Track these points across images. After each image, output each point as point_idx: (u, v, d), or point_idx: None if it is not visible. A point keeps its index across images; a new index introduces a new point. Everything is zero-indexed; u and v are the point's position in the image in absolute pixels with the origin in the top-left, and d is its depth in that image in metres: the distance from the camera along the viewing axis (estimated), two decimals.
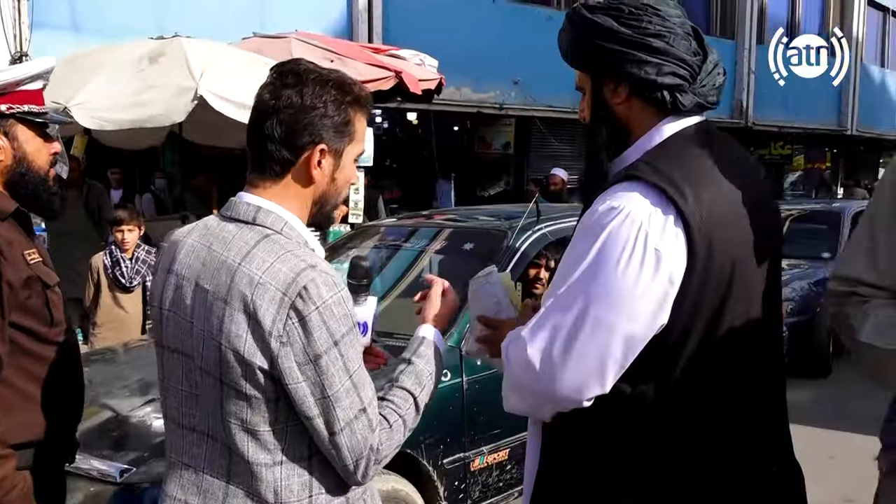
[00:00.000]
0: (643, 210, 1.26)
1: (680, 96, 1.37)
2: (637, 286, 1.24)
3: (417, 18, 10.59)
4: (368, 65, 7.09)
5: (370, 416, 1.29)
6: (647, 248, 1.25)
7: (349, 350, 1.27)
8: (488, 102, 11.62)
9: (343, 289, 1.29)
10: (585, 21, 1.40)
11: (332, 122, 1.33)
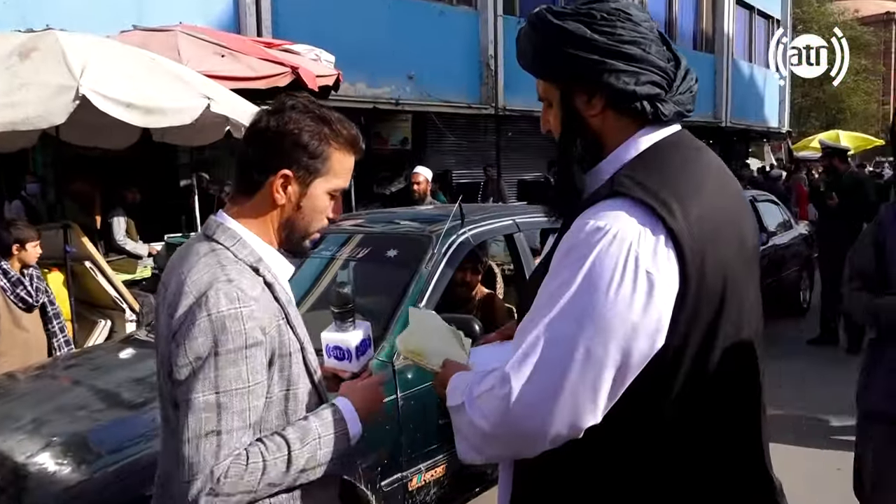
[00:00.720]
0: (631, 229, 1.17)
1: (661, 106, 1.28)
2: (630, 313, 1.15)
3: (308, 11, 10.27)
4: (262, 60, 6.76)
5: (223, 442, 1.27)
6: (639, 271, 1.15)
7: (228, 368, 1.27)
8: (384, 98, 11.44)
9: (249, 307, 1.30)
10: (554, 28, 1.29)
11: (305, 152, 1.39)
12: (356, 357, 1.55)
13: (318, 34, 8.98)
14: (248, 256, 1.40)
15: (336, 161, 1.43)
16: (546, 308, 1.19)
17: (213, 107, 4.76)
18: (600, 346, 1.15)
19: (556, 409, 1.17)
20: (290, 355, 1.40)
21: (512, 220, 3.73)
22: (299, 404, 1.42)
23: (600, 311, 1.15)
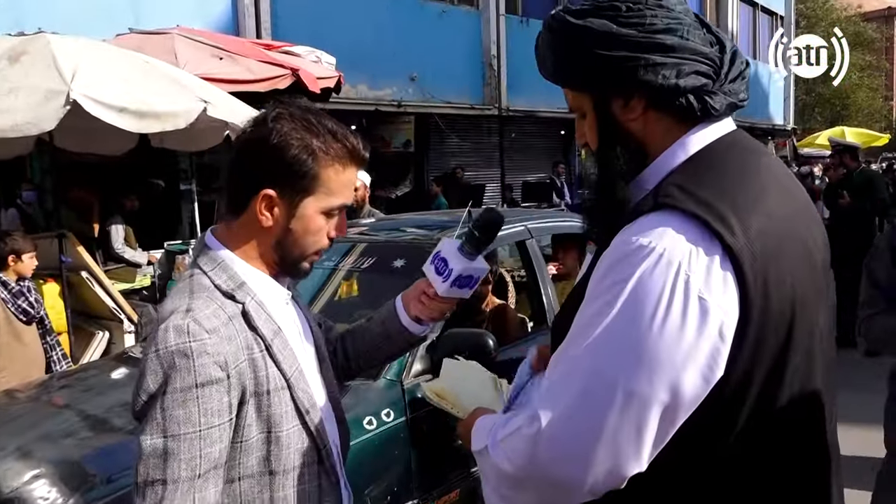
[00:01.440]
0: (681, 248, 1.01)
1: (709, 99, 1.11)
2: (679, 347, 0.98)
3: (307, 13, 10.14)
4: (262, 62, 6.62)
5: (167, 493, 1.12)
6: (690, 297, 0.99)
7: (177, 409, 1.13)
8: (386, 100, 11.30)
9: (200, 341, 1.15)
10: (576, 29, 1.13)
11: (289, 169, 1.24)
12: (450, 283, 1.40)
13: (318, 36, 8.84)
14: (226, 282, 1.26)
15: (329, 177, 1.27)
16: (581, 337, 1.04)
17: (210, 110, 4.61)
18: (644, 382, 0.99)
19: (593, 455, 1.01)
20: (268, 393, 1.23)
21: (524, 226, 3.55)
22: (284, 450, 1.25)
23: (644, 343, 0.99)
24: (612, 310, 1.01)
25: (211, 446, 1.15)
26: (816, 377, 1.13)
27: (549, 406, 1.04)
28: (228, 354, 1.18)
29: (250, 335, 1.24)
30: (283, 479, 1.26)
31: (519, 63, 13.51)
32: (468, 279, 1.42)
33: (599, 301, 1.03)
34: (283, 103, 1.29)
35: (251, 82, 6.23)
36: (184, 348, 1.14)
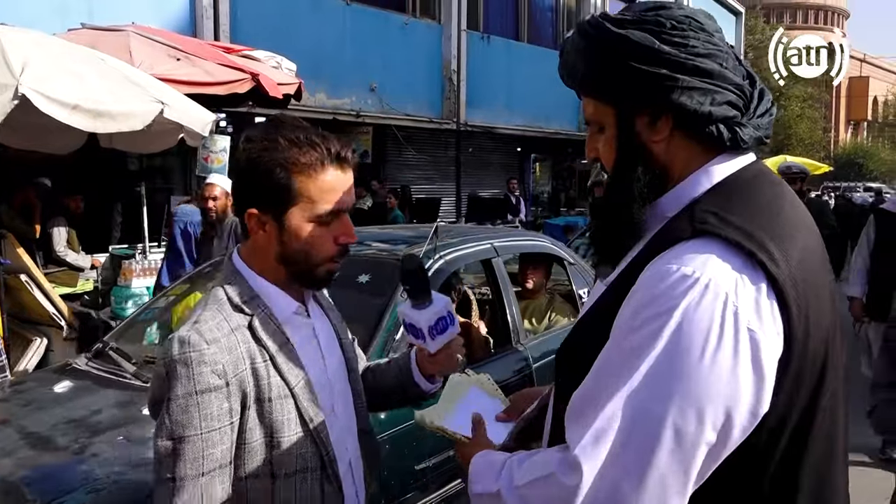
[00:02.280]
0: (727, 278, 0.96)
1: (739, 130, 1.07)
2: (730, 381, 0.93)
3: (268, 17, 9.97)
4: (221, 65, 6.43)
5: (176, 489, 1.22)
6: (740, 330, 0.94)
7: (180, 414, 1.22)
8: (344, 109, 11.18)
9: (199, 351, 1.23)
10: (614, 38, 1.07)
11: (264, 186, 1.30)
12: (429, 336, 1.42)
13: (278, 41, 8.68)
14: (238, 295, 1.34)
15: (305, 186, 1.30)
16: (621, 376, 0.97)
17: (166, 112, 4.44)
18: (695, 421, 0.93)
19: (639, 501, 0.95)
20: (270, 401, 1.30)
21: (490, 243, 3.51)
22: (285, 455, 1.31)
23: (694, 379, 0.93)
24: (656, 344, 0.95)
25: (213, 447, 1.23)
26: (839, 422, 1.09)
27: (591, 452, 0.97)
28: (227, 364, 1.25)
29: (254, 346, 1.30)
30: (284, 482, 1.31)
31: (478, 79, 13.57)
32: (441, 321, 1.42)
33: (638, 335, 0.97)
34: (270, 118, 1.37)
35: (209, 85, 6.05)
36: (184, 358, 1.23)
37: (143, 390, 2.62)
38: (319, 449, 1.34)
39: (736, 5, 24.65)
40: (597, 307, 1.15)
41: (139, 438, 2.24)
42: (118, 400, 2.57)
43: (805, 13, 68.36)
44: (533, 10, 15.57)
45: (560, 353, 1.21)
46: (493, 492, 1.11)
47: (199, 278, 3.75)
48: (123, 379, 2.74)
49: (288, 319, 1.37)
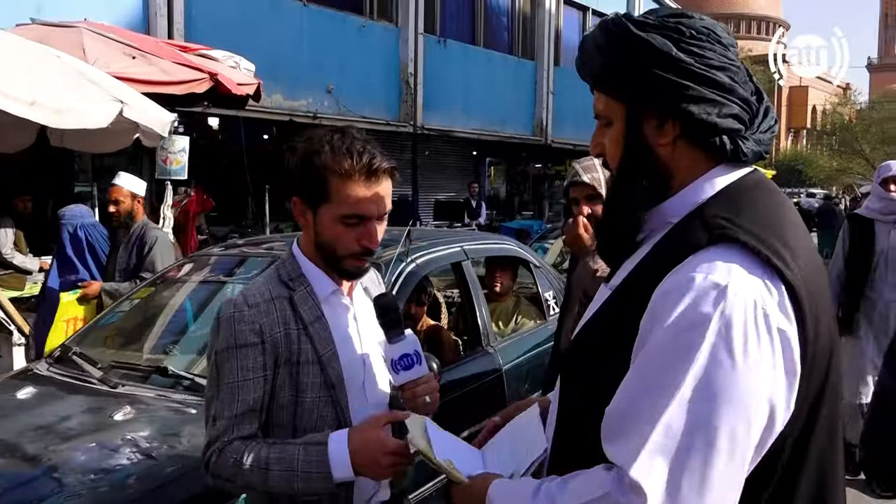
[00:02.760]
0: (753, 284, 1.00)
1: (742, 143, 1.12)
2: (770, 382, 0.98)
3: (224, 16, 9.81)
4: (178, 64, 6.29)
5: (216, 427, 1.45)
6: (772, 332, 0.99)
7: (224, 364, 1.46)
8: (301, 110, 11.07)
9: (241, 312, 1.47)
10: (635, 40, 1.11)
11: (306, 179, 1.50)
12: (393, 370, 1.51)
13: (233, 41, 8.52)
14: (287, 273, 1.56)
15: (338, 189, 1.47)
16: (666, 389, 0.98)
17: (126, 111, 4.34)
18: (745, 424, 0.97)
19: None
20: (298, 363, 1.49)
21: (460, 247, 3.53)
22: (307, 413, 1.49)
23: (740, 384, 0.96)
24: (698, 355, 0.97)
25: (246, 394, 1.44)
26: (838, 433, 1.12)
27: (651, 471, 0.97)
28: (265, 325, 1.47)
29: (290, 314, 1.50)
30: (303, 436, 1.46)
31: (435, 82, 13.60)
32: (406, 357, 1.49)
33: (678, 347, 0.98)
34: (328, 129, 1.53)
35: (166, 84, 5.91)
36: (229, 317, 1.47)
37: (112, 395, 2.56)
38: (338, 414, 1.51)
39: None
40: (604, 312, 1.17)
41: (112, 445, 2.19)
42: (87, 406, 2.50)
43: (748, 23, 70.48)
44: (489, 15, 15.69)
45: (567, 358, 1.24)
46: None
47: (162, 280, 3.67)
48: (89, 384, 2.67)
49: (327, 298, 1.56)
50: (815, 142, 53.31)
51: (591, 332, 1.19)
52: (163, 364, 2.82)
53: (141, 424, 2.38)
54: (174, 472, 2.05)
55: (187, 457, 2.10)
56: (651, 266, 1.08)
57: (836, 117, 43.98)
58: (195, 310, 3.46)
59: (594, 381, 1.11)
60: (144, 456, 2.16)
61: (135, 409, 2.45)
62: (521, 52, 16.51)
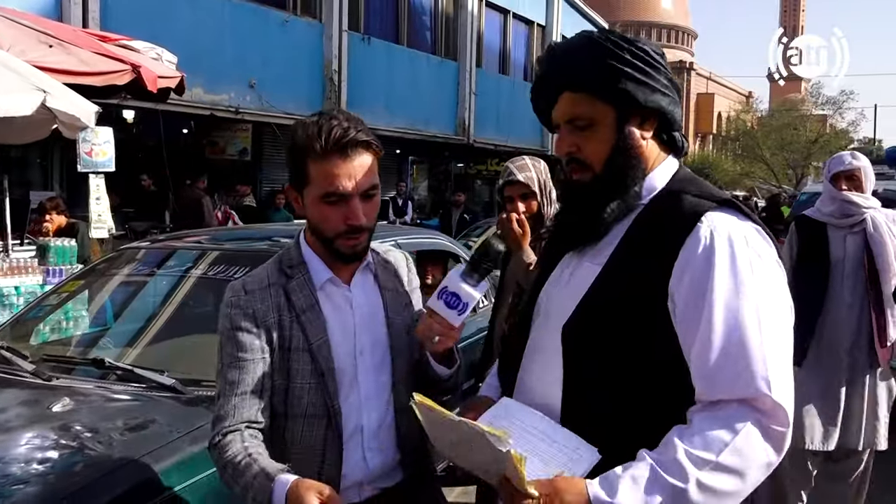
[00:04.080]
0: (747, 228, 1.29)
1: (685, 140, 1.42)
2: (784, 282, 1.29)
3: (142, 5, 9.56)
4: (97, 54, 6.12)
5: (220, 402, 1.52)
6: (773, 253, 1.29)
7: (225, 346, 1.54)
8: (223, 105, 10.88)
9: (238, 297, 1.55)
10: (637, 49, 1.31)
11: (292, 166, 1.56)
12: (438, 295, 1.47)
13: (151, 31, 8.30)
14: (287, 260, 1.61)
15: (314, 170, 1.50)
16: (750, 323, 1.19)
17: (49, 101, 4.22)
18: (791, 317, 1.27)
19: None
20: (289, 350, 1.53)
21: (395, 240, 3.62)
22: (296, 399, 1.54)
23: (778, 292, 1.26)
24: (755, 289, 1.21)
25: (244, 374, 1.51)
26: None
27: (780, 388, 1.16)
28: (259, 311, 1.53)
29: (284, 302, 1.55)
30: (293, 422, 1.54)
31: (359, 79, 13.60)
32: (455, 298, 1.46)
33: (738, 290, 1.20)
34: (312, 114, 1.56)
35: (86, 75, 5.74)
36: (228, 301, 1.56)
37: (48, 388, 2.52)
38: (326, 402, 1.53)
39: (600, 21, 26.12)
40: (605, 283, 1.31)
41: (54, 435, 2.18)
42: (22, 399, 2.45)
43: (659, 31, 73.27)
44: (412, 15, 15.80)
45: (570, 331, 1.32)
46: (661, 501, 1.12)
47: (91, 273, 3.61)
48: (21, 378, 2.61)
49: (323, 286, 1.58)
50: (720, 146, 55.95)
51: (596, 305, 1.31)
52: (98, 356, 2.77)
53: (82, 415, 2.36)
54: (122, 459, 2.05)
55: (134, 444, 2.11)
56: (646, 235, 1.28)
57: (739, 124, 46.34)
58: (125, 302, 3.44)
59: (613, 346, 1.27)
60: (89, 444, 2.15)
61: (74, 401, 2.42)
62: (444, 52, 16.71)
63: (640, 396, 1.25)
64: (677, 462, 1.13)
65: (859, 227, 3.29)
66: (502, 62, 19.28)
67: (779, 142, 43.72)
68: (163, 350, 2.95)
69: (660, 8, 73.71)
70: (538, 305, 1.47)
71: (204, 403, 2.32)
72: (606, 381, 1.27)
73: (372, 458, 1.59)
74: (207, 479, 1.96)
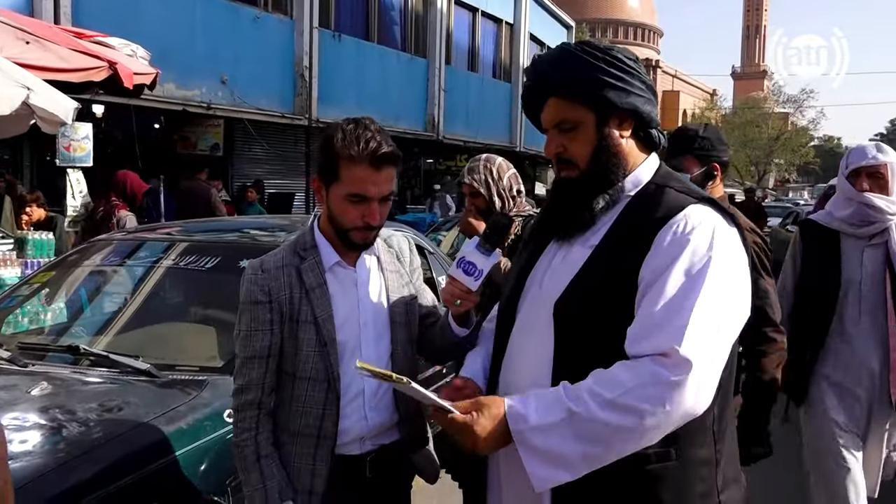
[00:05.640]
0: (720, 221, 1.41)
1: (661, 136, 1.54)
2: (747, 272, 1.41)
3: (113, 1, 9.55)
4: (74, 51, 6.21)
5: (238, 364, 1.78)
6: (740, 252, 1.41)
7: (242, 315, 1.78)
8: (195, 100, 10.93)
9: (256, 275, 1.78)
10: (611, 57, 1.45)
11: (322, 161, 1.75)
12: (458, 264, 1.68)
13: (123, 27, 8.36)
14: (301, 243, 1.83)
15: (345, 171, 1.71)
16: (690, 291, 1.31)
17: (32, 98, 4.34)
18: (736, 306, 1.36)
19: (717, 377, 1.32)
20: (298, 322, 1.76)
21: None
22: (302, 363, 1.77)
23: (739, 278, 1.38)
24: (709, 270, 1.32)
25: (255, 343, 1.76)
26: None
27: (693, 345, 1.26)
28: (273, 287, 1.77)
29: (295, 280, 1.78)
30: (300, 382, 1.79)
31: (330, 76, 13.72)
32: (472, 266, 1.67)
33: (698, 264, 1.33)
34: (349, 120, 1.74)
35: (64, 71, 5.82)
36: (245, 278, 1.79)
37: (25, 374, 2.58)
38: (327, 368, 1.77)
39: (567, 20, 26.49)
40: (595, 264, 1.43)
41: (34, 416, 2.25)
42: (1, 384, 2.51)
43: (625, 29, 74.05)
44: (382, 12, 15.94)
45: (562, 307, 1.44)
46: (561, 418, 1.28)
47: (63, 264, 3.69)
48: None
49: (331, 268, 1.81)
50: None
51: (587, 283, 1.43)
52: (73, 343, 2.84)
53: (61, 398, 2.41)
54: (103, 437, 2.12)
55: (114, 422, 2.20)
56: (634, 222, 1.42)
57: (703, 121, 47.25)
58: (98, 291, 3.51)
59: (601, 322, 1.38)
60: (70, 424, 2.21)
61: (52, 385, 2.47)
62: (413, 49, 16.88)
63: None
64: (580, 393, 1.29)
65: (881, 237, 2.63)
66: (471, 59, 19.50)
67: (742, 139, 44.47)
68: (136, 337, 3.02)
69: (626, 6, 74.52)
70: (525, 290, 1.57)
71: (178, 386, 2.46)
72: (595, 358, 1.35)
73: (372, 417, 1.82)
74: (184, 455, 2.11)
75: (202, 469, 2.18)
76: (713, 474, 1.41)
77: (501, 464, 1.54)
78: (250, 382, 1.78)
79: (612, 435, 1.27)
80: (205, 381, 2.49)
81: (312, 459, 1.77)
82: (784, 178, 61.02)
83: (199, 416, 2.29)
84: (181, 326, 3.20)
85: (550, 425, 1.28)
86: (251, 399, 1.78)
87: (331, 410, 1.78)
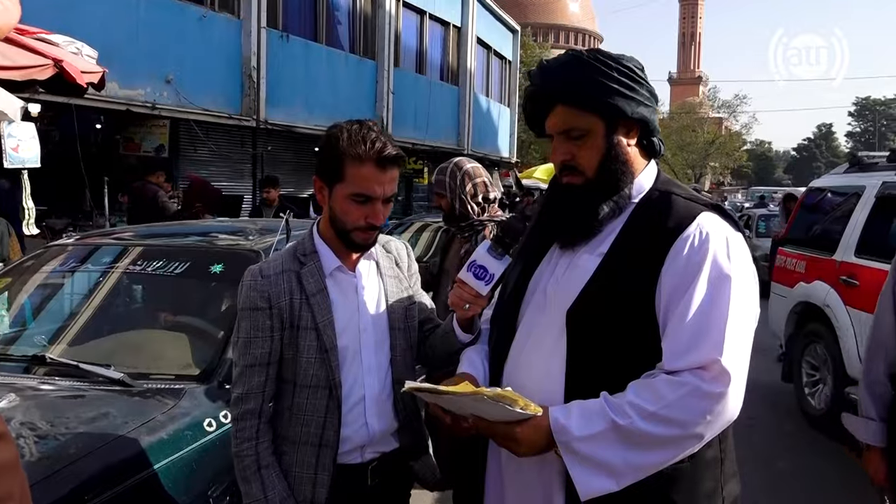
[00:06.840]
0: (730, 229, 1.46)
1: (662, 143, 1.58)
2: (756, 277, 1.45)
3: None
4: (16, 47, 5.96)
5: (237, 371, 1.74)
6: (748, 257, 1.45)
7: (241, 322, 1.74)
8: (139, 100, 10.63)
9: (255, 281, 1.74)
10: (622, 66, 1.47)
11: (325, 161, 1.73)
12: (468, 268, 1.66)
13: (65, 23, 8.05)
14: (301, 249, 1.80)
15: (350, 171, 1.69)
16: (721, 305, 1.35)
17: None
18: (754, 311, 1.42)
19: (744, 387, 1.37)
20: (298, 329, 1.73)
21: None
22: (302, 370, 1.74)
23: (752, 283, 1.42)
24: (732, 280, 1.36)
25: (255, 349, 1.73)
26: None
27: (736, 360, 1.32)
28: (272, 293, 1.73)
29: (296, 286, 1.75)
30: (299, 390, 1.76)
31: (278, 77, 13.53)
32: (482, 270, 1.66)
33: (722, 276, 1.37)
34: (352, 121, 1.73)
35: (5, 69, 5.60)
36: (245, 283, 1.76)
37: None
38: (328, 374, 1.74)
39: (513, 24, 26.77)
40: (606, 273, 1.44)
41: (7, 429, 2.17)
42: None
43: (567, 34, 75.28)
44: (331, 14, 15.81)
45: (574, 315, 1.45)
46: (605, 428, 1.31)
47: (20, 269, 3.53)
48: None
49: (332, 273, 1.78)
50: None
51: (597, 291, 1.44)
52: (38, 353, 2.73)
53: (32, 410, 2.33)
54: (82, 450, 2.05)
55: (90, 435, 2.12)
56: (643, 231, 1.45)
57: None
58: (57, 299, 3.40)
59: (614, 330, 1.39)
60: (45, 437, 2.15)
61: (20, 397, 2.38)
62: (362, 51, 16.79)
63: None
64: (622, 405, 1.33)
65: None
66: (419, 62, 19.53)
67: (678, 143, 45.62)
68: (105, 345, 2.93)
69: (567, 11, 75.76)
70: (527, 296, 1.58)
71: (155, 395, 2.38)
72: (608, 365, 1.39)
73: (373, 425, 1.80)
74: (166, 467, 2.06)
75: (184, 480, 2.14)
76: (718, 472, 1.47)
77: (504, 465, 1.55)
78: (250, 390, 1.74)
79: (656, 445, 1.31)
80: (182, 389, 2.42)
81: (314, 468, 1.74)
82: (719, 181, 63.00)
83: (180, 426, 2.23)
84: (152, 333, 3.11)
85: (595, 435, 1.32)
86: (251, 408, 1.74)
87: (332, 418, 1.75)
